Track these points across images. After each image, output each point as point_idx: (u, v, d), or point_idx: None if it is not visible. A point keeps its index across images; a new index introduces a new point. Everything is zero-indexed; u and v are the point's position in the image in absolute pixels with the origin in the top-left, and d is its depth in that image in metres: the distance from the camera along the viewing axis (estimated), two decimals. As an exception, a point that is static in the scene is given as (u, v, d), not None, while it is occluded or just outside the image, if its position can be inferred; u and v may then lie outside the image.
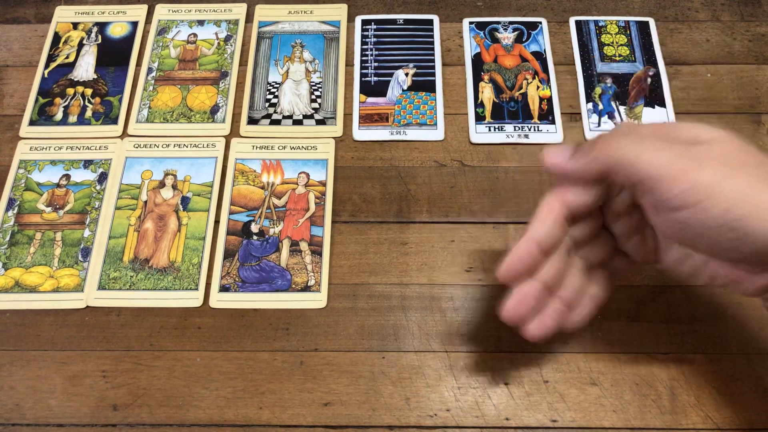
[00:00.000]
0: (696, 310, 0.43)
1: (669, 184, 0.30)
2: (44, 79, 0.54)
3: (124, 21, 0.57)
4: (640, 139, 0.31)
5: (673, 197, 0.30)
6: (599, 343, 0.42)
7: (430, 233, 0.47)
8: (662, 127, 0.32)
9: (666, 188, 0.30)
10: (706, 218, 0.29)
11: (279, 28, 0.57)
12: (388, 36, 0.56)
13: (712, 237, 0.30)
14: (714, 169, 0.29)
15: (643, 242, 0.36)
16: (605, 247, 0.37)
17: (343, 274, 0.45)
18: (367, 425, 0.40)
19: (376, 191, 0.49)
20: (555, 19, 0.56)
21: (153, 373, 0.42)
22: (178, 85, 0.54)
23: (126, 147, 0.51)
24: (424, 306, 0.44)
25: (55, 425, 0.41)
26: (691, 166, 0.29)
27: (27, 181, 0.50)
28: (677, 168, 0.30)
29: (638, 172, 0.31)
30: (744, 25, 0.56)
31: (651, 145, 0.31)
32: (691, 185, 0.29)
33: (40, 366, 0.43)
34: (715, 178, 0.29)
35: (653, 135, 0.32)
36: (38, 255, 0.46)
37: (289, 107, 0.52)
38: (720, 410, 0.40)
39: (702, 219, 0.29)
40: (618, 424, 0.40)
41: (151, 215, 0.48)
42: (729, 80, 0.53)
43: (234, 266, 0.46)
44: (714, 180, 0.29)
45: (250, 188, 0.49)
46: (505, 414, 0.40)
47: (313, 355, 0.42)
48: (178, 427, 0.40)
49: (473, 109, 0.52)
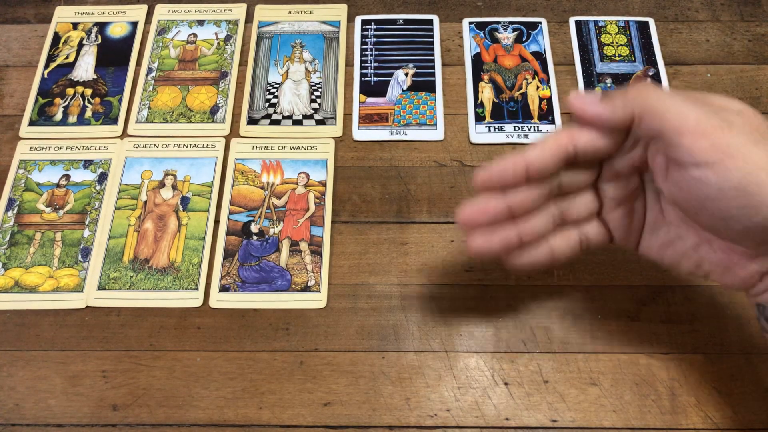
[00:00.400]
0: (696, 310, 0.43)
1: (696, 138, 0.30)
2: (44, 79, 0.54)
3: (124, 21, 0.57)
4: (673, 94, 0.31)
5: (698, 152, 0.30)
6: (599, 343, 0.42)
7: (430, 233, 0.47)
8: (693, 93, 0.32)
9: (692, 142, 0.30)
10: (723, 179, 0.29)
11: (279, 28, 0.57)
12: (388, 36, 0.56)
13: (723, 201, 0.30)
14: (741, 133, 0.29)
15: (629, 217, 0.36)
16: (587, 207, 0.36)
17: (343, 274, 0.45)
18: (367, 425, 0.40)
19: (376, 191, 0.49)
20: (555, 19, 0.56)
21: (153, 373, 0.42)
22: (178, 85, 0.54)
23: (126, 147, 0.51)
24: (424, 306, 0.44)
25: (55, 425, 0.41)
26: (720, 126, 0.30)
27: (27, 182, 0.50)
28: (707, 124, 0.30)
29: (668, 121, 0.30)
30: (744, 25, 0.56)
31: (683, 100, 0.31)
32: (718, 142, 0.29)
33: (40, 366, 0.43)
34: (742, 142, 0.29)
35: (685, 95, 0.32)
36: (38, 255, 0.46)
37: (289, 107, 0.52)
38: (720, 410, 0.40)
39: (720, 179, 0.29)
40: (618, 424, 0.40)
41: (151, 215, 0.48)
42: (729, 80, 0.53)
43: (234, 266, 0.46)
44: (740, 143, 0.29)
45: (250, 188, 0.49)
46: (505, 414, 0.40)
47: (313, 355, 0.42)
48: (178, 427, 0.40)
49: (473, 109, 0.52)
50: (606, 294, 0.44)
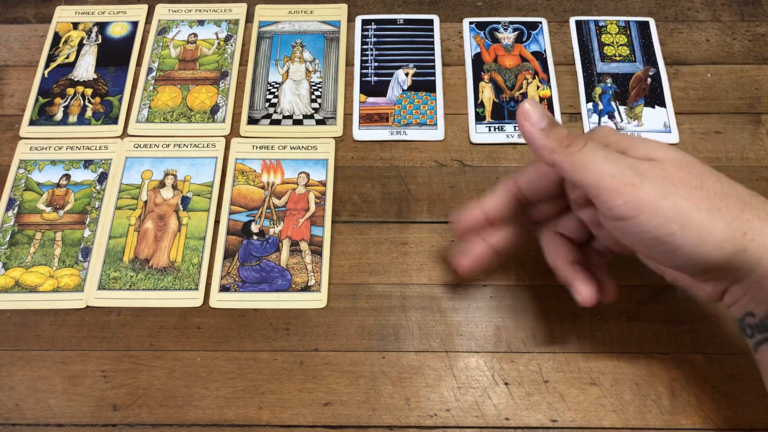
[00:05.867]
0: (696, 310, 0.43)
1: (611, 196, 0.32)
2: (44, 79, 0.54)
3: (124, 21, 0.57)
4: (600, 146, 0.33)
5: (614, 208, 0.32)
6: (599, 343, 0.42)
7: (430, 233, 0.47)
8: (627, 141, 0.34)
9: (608, 199, 0.32)
10: (641, 231, 0.32)
11: (279, 28, 0.57)
12: (388, 36, 0.56)
13: (648, 247, 0.33)
14: (654, 186, 0.31)
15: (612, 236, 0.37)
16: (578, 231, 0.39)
17: (343, 274, 0.45)
18: (367, 425, 0.40)
19: (376, 191, 0.49)
20: (555, 19, 0.56)
21: (153, 373, 0.42)
22: (178, 85, 0.54)
23: (126, 147, 0.51)
24: (424, 306, 0.44)
25: (55, 425, 0.41)
26: (633, 181, 0.31)
27: (27, 181, 0.50)
28: (620, 181, 0.32)
29: (586, 178, 0.33)
30: (744, 25, 0.56)
31: (606, 154, 0.33)
32: (630, 200, 0.31)
33: (40, 366, 0.43)
34: (654, 196, 0.31)
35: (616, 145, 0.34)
36: (38, 255, 0.46)
37: (289, 107, 0.52)
38: (720, 410, 0.40)
39: (638, 231, 0.32)
40: (618, 424, 0.40)
41: (151, 215, 0.48)
42: (729, 80, 0.53)
43: (234, 266, 0.46)
44: (652, 197, 0.31)
45: (250, 188, 0.49)
46: (505, 414, 0.40)
47: (313, 355, 0.42)
48: (178, 427, 0.40)
49: (473, 109, 0.52)
50: (606, 294, 0.44)
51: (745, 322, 0.33)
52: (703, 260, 0.31)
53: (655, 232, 0.31)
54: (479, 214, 0.39)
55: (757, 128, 0.50)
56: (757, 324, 0.32)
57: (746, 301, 0.33)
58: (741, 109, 0.51)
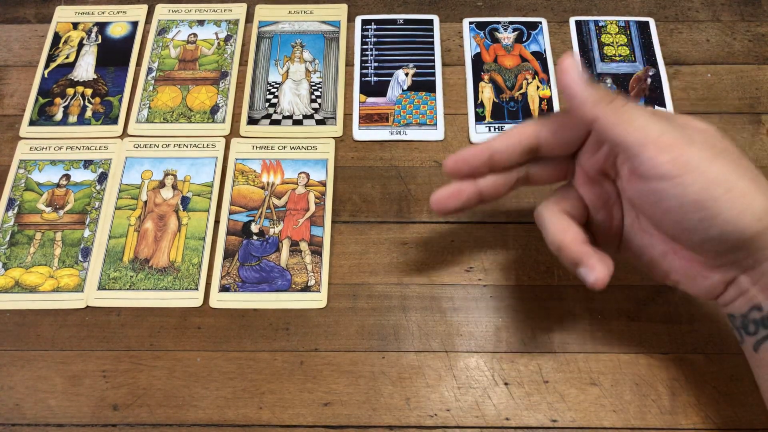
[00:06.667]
0: (696, 310, 0.43)
1: (658, 152, 0.30)
2: (44, 79, 0.54)
3: (124, 21, 0.57)
4: (638, 107, 0.32)
5: (658, 165, 0.30)
6: (599, 343, 0.42)
7: (430, 233, 0.47)
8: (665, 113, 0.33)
9: (652, 155, 0.31)
10: (683, 192, 0.30)
11: (279, 28, 0.57)
12: (388, 36, 0.56)
13: (682, 213, 0.31)
14: (701, 148, 0.31)
15: (609, 221, 0.37)
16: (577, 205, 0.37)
17: (343, 274, 0.45)
18: (367, 425, 0.40)
19: (376, 191, 0.49)
20: (555, 19, 0.56)
21: (153, 373, 0.42)
22: (178, 85, 0.54)
23: (126, 147, 0.51)
24: (424, 306, 0.44)
25: (55, 425, 0.41)
26: (681, 140, 0.31)
27: (27, 181, 0.50)
28: (668, 138, 0.31)
29: (631, 133, 0.31)
30: (744, 25, 0.56)
31: (648, 114, 0.32)
32: (678, 157, 0.30)
33: (40, 366, 0.43)
34: (700, 157, 0.30)
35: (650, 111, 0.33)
36: (38, 255, 0.46)
37: (289, 107, 0.52)
38: (720, 410, 0.40)
39: (679, 193, 0.30)
40: (618, 424, 0.40)
41: (151, 215, 0.48)
42: (729, 80, 0.53)
43: (234, 266, 0.46)
44: (699, 158, 0.30)
45: (250, 188, 0.49)
46: (505, 414, 0.40)
47: (313, 355, 0.42)
48: (178, 427, 0.40)
49: (473, 109, 0.52)
50: (606, 294, 0.44)
51: (749, 317, 0.33)
52: (738, 231, 0.30)
53: (698, 195, 0.30)
54: (485, 152, 0.36)
55: (757, 128, 0.50)
56: (763, 318, 0.32)
57: (754, 292, 0.32)
58: (741, 109, 0.51)
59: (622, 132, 0.31)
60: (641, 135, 0.31)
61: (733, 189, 0.30)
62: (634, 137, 0.31)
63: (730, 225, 0.30)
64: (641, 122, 0.31)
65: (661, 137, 0.31)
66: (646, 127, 0.31)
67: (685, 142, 0.31)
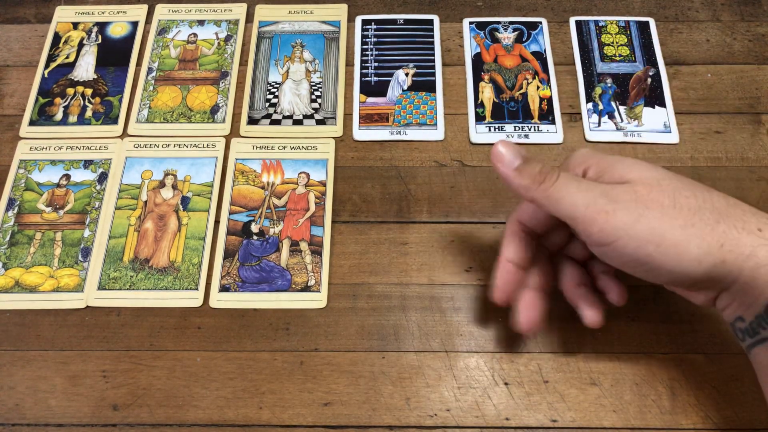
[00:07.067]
0: (696, 309, 0.43)
1: (585, 225, 0.33)
2: (44, 79, 0.54)
3: (124, 21, 0.57)
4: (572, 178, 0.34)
5: (591, 235, 0.33)
6: (599, 343, 0.42)
7: (430, 233, 0.47)
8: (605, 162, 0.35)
9: (583, 228, 0.33)
10: (620, 254, 0.33)
11: (279, 28, 0.57)
12: (388, 36, 0.56)
13: (631, 268, 0.34)
14: (628, 210, 0.32)
15: None
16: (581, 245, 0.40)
17: (343, 274, 0.45)
18: (367, 425, 0.40)
19: (376, 191, 0.49)
20: (555, 19, 0.56)
21: (153, 373, 0.42)
22: (178, 85, 0.54)
23: (126, 147, 0.51)
24: (424, 306, 0.44)
25: (55, 425, 0.41)
26: (606, 209, 0.33)
27: (27, 181, 0.50)
28: (594, 210, 0.33)
29: (563, 210, 0.34)
30: (744, 25, 0.56)
31: (578, 185, 0.34)
32: (604, 227, 0.32)
33: (40, 366, 0.43)
34: (627, 220, 0.32)
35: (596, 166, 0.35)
36: (38, 255, 0.46)
37: (289, 107, 0.52)
38: (720, 410, 0.40)
39: (618, 255, 0.33)
40: (618, 424, 0.40)
41: (151, 215, 0.48)
42: (729, 80, 0.53)
43: (234, 266, 0.46)
44: (626, 221, 0.32)
45: (250, 188, 0.49)
46: (505, 414, 0.40)
47: (313, 355, 0.42)
48: (178, 427, 0.40)
49: (473, 109, 0.52)
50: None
51: (736, 326, 0.34)
52: (684, 275, 0.32)
53: (633, 255, 0.32)
54: (510, 268, 0.38)
55: (757, 128, 0.50)
56: (747, 328, 0.33)
57: (735, 306, 0.33)
58: (741, 109, 0.51)
59: (556, 211, 0.34)
60: (571, 211, 0.33)
61: (662, 243, 0.32)
62: (566, 213, 0.34)
63: (674, 272, 0.32)
64: (569, 199, 0.33)
65: (587, 210, 0.33)
66: (575, 203, 0.33)
67: (609, 210, 0.32)
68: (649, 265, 0.32)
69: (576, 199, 0.33)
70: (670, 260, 0.32)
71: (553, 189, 0.34)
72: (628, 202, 0.32)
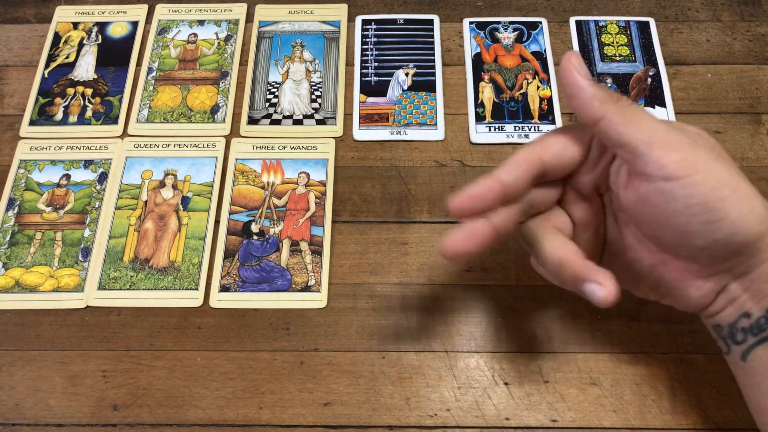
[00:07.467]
0: (696, 310, 0.43)
1: (665, 152, 0.30)
2: (44, 79, 0.54)
3: (125, 21, 0.57)
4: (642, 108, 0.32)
5: (667, 165, 0.30)
6: (599, 343, 0.42)
7: (430, 233, 0.47)
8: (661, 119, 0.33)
9: (661, 155, 0.30)
10: (691, 193, 0.30)
11: (279, 28, 0.57)
12: (388, 36, 0.56)
13: (688, 216, 0.30)
14: (705, 149, 0.31)
15: (594, 240, 0.36)
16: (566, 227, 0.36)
17: (343, 274, 0.45)
18: (367, 425, 0.40)
19: (376, 191, 0.49)
20: (555, 19, 0.56)
21: (153, 373, 0.42)
22: (178, 85, 0.54)
23: (126, 147, 0.51)
24: (424, 306, 0.44)
25: (55, 425, 0.41)
26: (689, 141, 0.30)
27: (27, 181, 0.50)
28: (675, 138, 0.30)
29: (639, 132, 0.30)
30: (744, 25, 0.56)
31: (650, 115, 0.32)
32: (687, 156, 0.30)
33: (40, 366, 0.43)
34: (707, 157, 0.30)
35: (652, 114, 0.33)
36: (38, 255, 0.46)
37: (290, 107, 0.52)
38: (720, 410, 0.40)
39: (687, 193, 0.30)
40: (618, 424, 0.40)
41: (152, 215, 0.48)
42: (729, 80, 0.53)
43: (234, 266, 0.46)
44: (706, 158, 0.30)
45: (250, 188, 0.49)
46: (505, 414, 0.40)
47: (313, 355, 0.42)
48: (178, 427, 0.40)
49: (473, 109, 0.52)
50: (606, 294, 0.44)
51: (737, 326, 0.32)
52: (742, 234, 0.30)
53: (707, 196, 0.29)
54: (497, 186, 0.32)
55: (757, 128, 0.50)
56: (752, 325, 0.32)
57: (744, 299, 0.32)
58: (741, 109, 0.51)
59: (630, 131, 0.30)
60: (649, 135, 0.30)
61: (738, 190, 0.30)
62: (642, 137, 0.30)
63: (736, 227, 0.30)
64: (648, 123, 0.31)
65: (668, 136, 0.30)
66: (654, 128, 0.30)
67: (692, 142, 0.30)
68: (716, 213, 0.29)
69: (654, 124, 0.31)
70: (740, 210, 0.29)
71: (630, 109, 0.31)
72: (704, 145, 0.31)
